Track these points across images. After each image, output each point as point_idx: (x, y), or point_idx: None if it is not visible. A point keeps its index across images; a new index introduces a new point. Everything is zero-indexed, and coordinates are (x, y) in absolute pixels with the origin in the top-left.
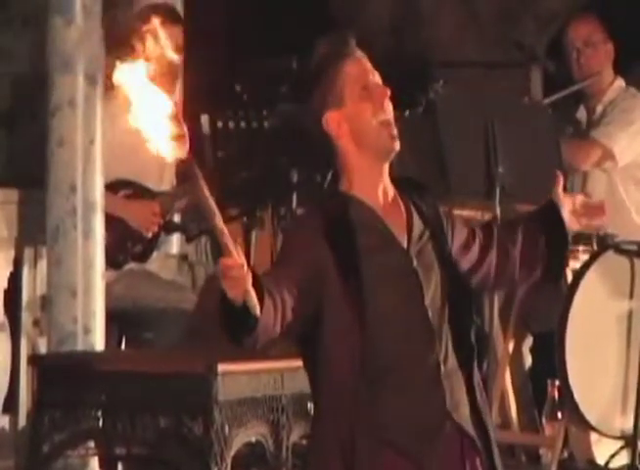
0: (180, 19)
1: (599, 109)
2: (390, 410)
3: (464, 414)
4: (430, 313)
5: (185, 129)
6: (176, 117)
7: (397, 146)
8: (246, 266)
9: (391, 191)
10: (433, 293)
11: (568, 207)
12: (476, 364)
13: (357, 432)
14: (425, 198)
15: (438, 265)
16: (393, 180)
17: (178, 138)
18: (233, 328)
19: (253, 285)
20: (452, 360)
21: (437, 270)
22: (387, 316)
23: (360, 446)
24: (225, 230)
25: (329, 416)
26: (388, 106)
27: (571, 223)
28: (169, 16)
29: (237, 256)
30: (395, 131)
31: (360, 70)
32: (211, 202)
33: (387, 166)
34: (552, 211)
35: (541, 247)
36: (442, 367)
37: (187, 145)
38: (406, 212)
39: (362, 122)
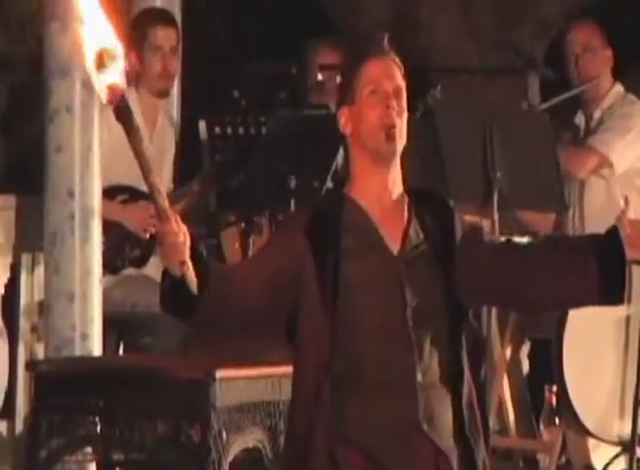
0: (174, 21)
1: (597, 114)
2: (354, 412)
3: (440, 429)
4: (410, 323)
5: (124, 70)
6: (116, 55)
7: (394, 149)
8: (183, 236)
9: (396, 196)
10: (422, 304)
11: (630, 236)
12: (465, 387)
13: (317, 429)
14: (438, 210)
15: (436, 279)
16: (411, 190)
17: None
18: (171, 302)
19: (196, 260)
20: (434, 374)
21: (434, 284)
22: (359, 319)
23: (317, 444)
24: (163, 192)
25: (295, 407)
26: (393, 112)
27: (631, 252)
28: (163, 18)
29: (174, 222)
30: (396, 133)
31: (377, 73)
32: (148, 160)
33: (391, 171)
34: (613, 238)
35: (593, 273)
36: (420, 378)
37: (122, 90)
38: (407, 221)
39: (362, 123)
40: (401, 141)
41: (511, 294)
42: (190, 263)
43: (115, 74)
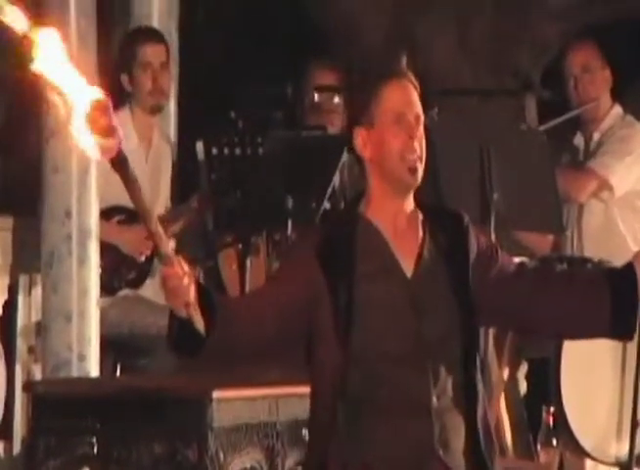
0: (162, 38)
1: (596, 136)
2: (369, 436)
3: (453, 453)
4: (425, 346)
5: (115, 122)
6: (105, 110)
7: (416, 181)
8: (187, 278)
9: (411, 215)
10: (437, 326)
11: None
12: (480, 408)
13: (332, 453)
14: (452, 228)
15: (451, 300)
16: (423, 205)
17: (107, 132)
18: (177, 341)
19: (203, 299)
20: (449, 397)
21: (449, 305)
22: (373, 343)
23: (332, 468)
24: (163, 236)
25: (312, 431)
26: (416, 142)
27: None
28: (151, 35)
29: (177, 265)
30: (418, 165)
31: (399, 98)
32: (146, 204)
33: (409, 195)
34: (629, 275)
35: (606, 308)
36: (435, 402)
37: (118, 141)
38: (421, 240)
39: (384, 152)
40: (422, 168)
41: (522, 318)
42: (196, 303)
43: (107, 127)
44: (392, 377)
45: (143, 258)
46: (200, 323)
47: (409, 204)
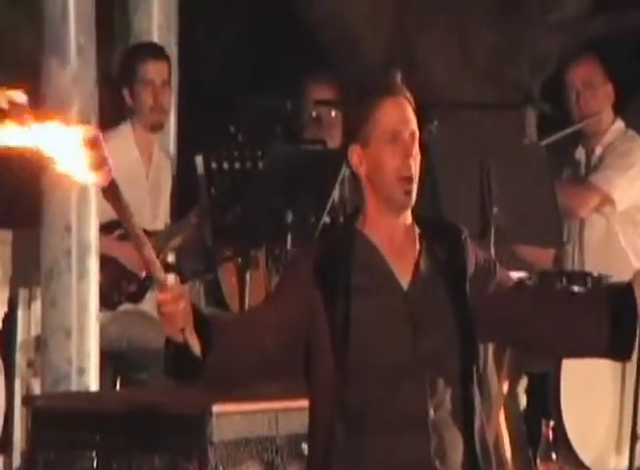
0: (165, 54)
1: (598, 150)
2: (367, 450)
3: (450, 466)
4: (423, 359)
5: (105, 153)
6: (95, 142)
7: (410, 201)
8: (182, 303)
9: (408, 229)
10: (434, 339)
11: None
12: (477, 422)
13: (330, 466)
14: (450, 242)
15: (448, 313)
16: (421, 219)
17: (99, 163)
18: (174, 366)
19: (200, 323)
20: (446, 410)
21: (446, 318)
22: (371, 357)
23: None
24: (157, 263)
25: (310, 444)
26: (412, 161)
27: None
28: (153, 52)
29: (171, 291)
30: (413, 187)
31: (395, 116)
32: (139, 231)
33: (404, 212)
34: (628, 294)
35: (604, 328)
36: (432, 415)
37: (109, 170)
38: (418, 253)
39: (379, 170)
40: (416, 187)
41: (519, 335)
42: (192, 328)
43: (105, 175)
44: (389, 391)
45: (144, 274)
46: (196, 348)
47: (406, 219)
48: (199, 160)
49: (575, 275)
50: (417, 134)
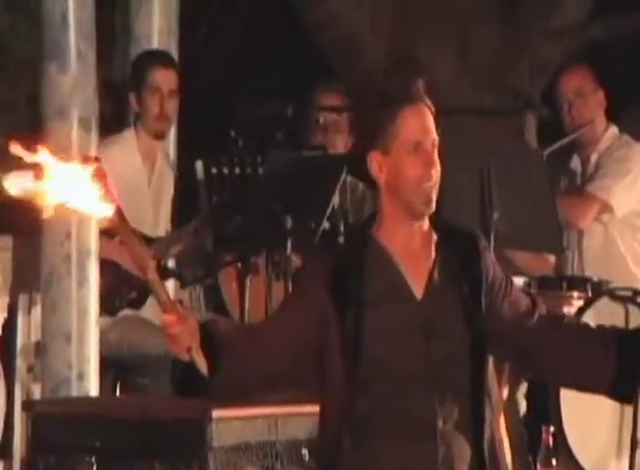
0: (174, 63)
1: (594, 157)
2: (375, 458)
3: None
4: (433, 369)
5: (109, 185)
6: (98, 175)
7: (430, 209)
8: (189, 323)
9: (425, 236)
10: (445, 350)
11: None
12: (487, 433)
13: None
14: (466, 253)
15: (460, 324)
16: (438, 225)
17: (104, 195)
18: (183, 383)
19: (207, 341)
20: (455, 421)
21: (458, 329)
22: (381, 366)
23: None
24: (162, 285)
25: (318, 453)
26: (434, 171)
27: None
28: (163, 60)
29: (176, 313)
30: (433, 195)
31: (417, 126)
32: (145, 255)
33: (422, 219)
34: (635, 340)
35: (611, 367)
36: (440, 425)
37: (114, 200)
38: (433, 262)
39: (401, 179)
40: (436, 194)
41: (522, 356)
42: (198, 347)
43: (110, 206)
44: (399, 399)
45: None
46: (203, 366)
47: (424, 225)
48: (199, 165)
49: (576, 281)
50: (437, 142)
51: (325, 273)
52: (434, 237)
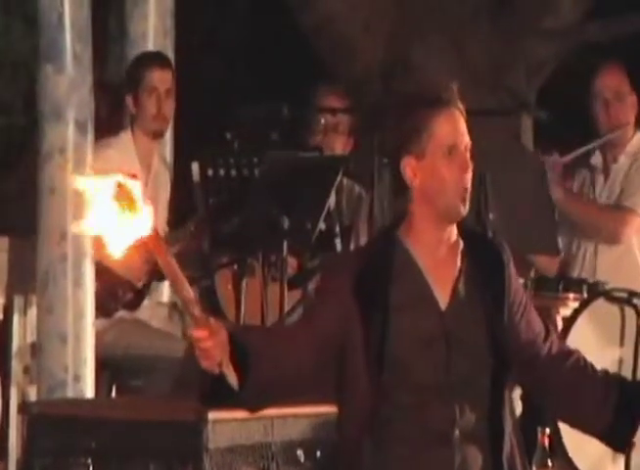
0: (170, 64)
1: (622, 159)
2: (393, 466)
3: None
4: (454, 378)
5: (143, 206)
6: (128, 196)
7: (465, 211)
8: (220, 337)
9: (452, 244)
10: (467, 360)
11: None
12: (507, 446)
13: None
14: (491, 264)
15: (482, 335)
16: (466, 234)
17: (139, 218)
18: (212, 396)
19: (237, 352)
20: (474, 431)
21: (480, 340)
22: (403, 375)
23: None
24: (194, 301)
25: (337, 460)
26: (469, 174)
27: None
28: (159, 61)
29: (208, 327)
30: (468, 198)
31: (451, 129)
32: (179, 273)
33: (452, 225)
34: (636, 391)
35: (608, 413)
36: (457, 434)
37: (150, 221)
38: (459, 271)
39: (437, 182)
40: (469, 197)
41: (521, 375)
42: (228, 361)
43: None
44: (419, 407)
45: (140, 285)
46: (232, 379)
47: (452, 232)
48: (195, 166)
49: (572, 282)
50: (470, 145)
51: (350, 279)
52: (461, 245)
